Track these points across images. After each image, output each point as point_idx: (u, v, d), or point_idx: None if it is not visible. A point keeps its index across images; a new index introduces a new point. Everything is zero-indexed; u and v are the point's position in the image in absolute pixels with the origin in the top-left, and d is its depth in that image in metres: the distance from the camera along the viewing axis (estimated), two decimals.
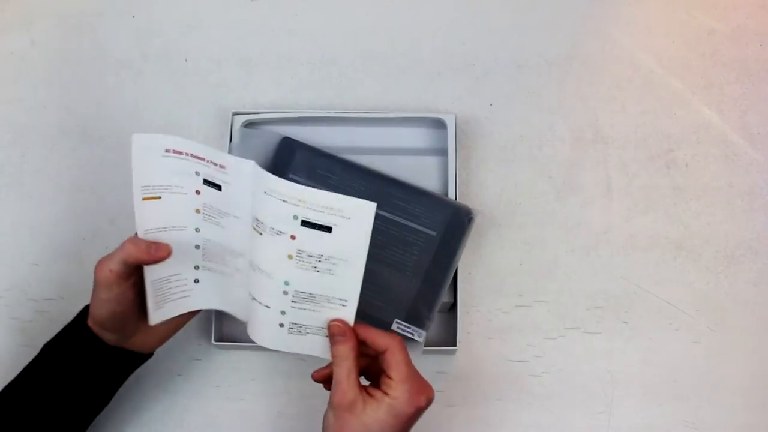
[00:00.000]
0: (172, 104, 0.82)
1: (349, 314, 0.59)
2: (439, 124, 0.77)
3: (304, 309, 0.60)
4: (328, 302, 0.59)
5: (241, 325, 0.67)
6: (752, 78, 0.82)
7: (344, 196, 0.54)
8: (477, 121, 0.81)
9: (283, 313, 0.60)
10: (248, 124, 0.76)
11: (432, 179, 0.75)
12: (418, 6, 0.86)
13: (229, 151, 0.75)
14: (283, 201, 0.55)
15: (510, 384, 0.72)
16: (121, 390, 0.66)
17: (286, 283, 0.59)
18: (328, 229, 0.56)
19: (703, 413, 0.71)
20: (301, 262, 0.57)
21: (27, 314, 0.74)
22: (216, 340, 0.71)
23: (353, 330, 0.58)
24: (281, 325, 0.61)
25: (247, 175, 0.57)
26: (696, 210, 0.78)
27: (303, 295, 0.59)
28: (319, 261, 0.57)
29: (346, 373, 0.56)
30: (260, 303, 0.60)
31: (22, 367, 0.63)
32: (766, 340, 0.74)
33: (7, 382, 0.62)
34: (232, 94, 0.82)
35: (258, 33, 0.85)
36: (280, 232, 0.57)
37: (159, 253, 0.58)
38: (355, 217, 0.55)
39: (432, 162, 0.76)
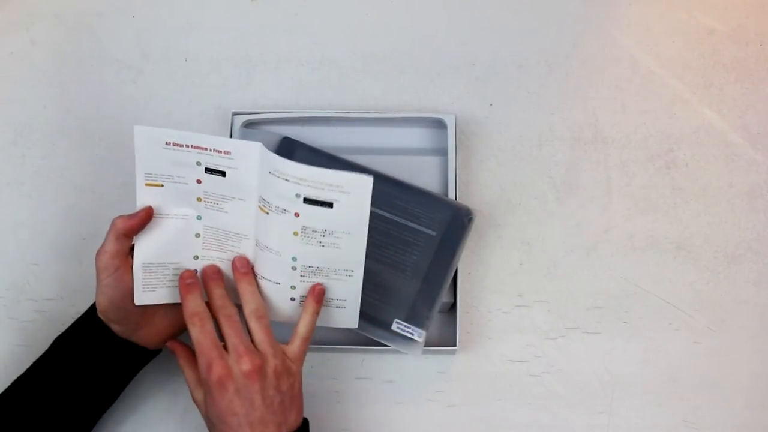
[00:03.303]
0: (172, 104, 0.82)
1: (356, 283, 0.63)
2: (439, 124, 0.77)
3: (313, 282, 0.63)
4: (335, 274, 0.62)
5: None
6: (752, 78, 0.82)
7: (342, 172, 0.58)
8: (477, 121, 0.81)
9: (293, 287, 0.63)
10: (248, 124, 0.77)
11: (432, 179, 0.75)
12: (418, 6, 0.86)
13: None
14: (286, 180, 0.58)
15: (510, 384, 0.72)
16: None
17: (294, 259, 0.62)
18: (330, 205, 0.59)
19: (703, 413, 0.71)
20: (306, 238, 0.61)
21: (26, 314, 0.74)
22: None
23: (181, 345, 0.64)
24: (292, 299, 0.64)
25: (253, 157, 0.59)
26: (696, 210, 0.78)
27: (311, 269, 0.62)
28: (323, 236, 0.60)
29: (187, 379, 0.62)
30: (269, 280, 0.63)
31: (22, 366, 0.63)
32: (766, 340, 0.73)
33: (6, 382, 0.62)
34: (232, 94, 0.82)
35: (258, 33, 0.85)
36: (285, 210, 0.60)
37: (140, 214, 0.60)
38: (354, 192, 0.58)
39: (432, 162, 0.76)
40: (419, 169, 0.75)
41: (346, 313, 0.65)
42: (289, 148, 0.74)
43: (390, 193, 0.72)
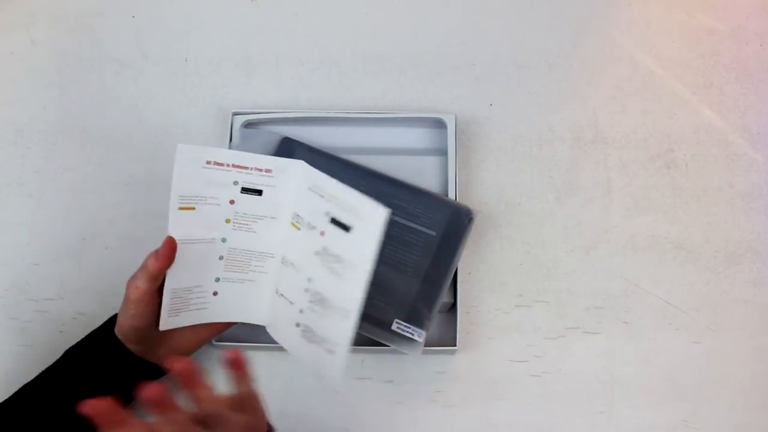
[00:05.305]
0: (172, 104, 0.82)
1: (347, 329, 0.57)
2: (439, 124, 0.77)
3: (316, 311, 0.61)
4: (335, 310, 0.59)
5: (242, 325, 0.68)
6: (752, 78, 0.82)
7: (360, 195, 0.55)
8: (477, 121, 0.81)
9: (301, 311, 0.62)
10: (248, 124, 0.76)
11: (432, 179, 0.75)
12: (418, 6, 0.86)
13: None
14: (321, 197, 0.58)
15: (510, 384, 0.72)
16: None
17: (309, 280, 0.61)
18: (348, 229, 0.57)
19: (703, 413, 0.71)
20: (325, 260, 0.59)
21: (26, 314, 0.74)
22: (216, 341, 0.71)
23: None
24: (297, 325, 0.63)
25: (292, 175, 0.60)
26: (696, 210, 0.78)
27: (318, 297, 0.60)
28: (337, 262, 0.58)
29: None
30: (286, 299, 0.63)
31: (22, 366, 0.63)
32: (766, 340, 0.73)
33: (6, 382, 0.62)
34: (232, 94, 0.82)
35: (258, 33, 0.85)
36: (314, 227, 0.59)
37: (165, 253, 0.60)
38: (366, 219, 0.56)
39: (432, 162, 0.76)
40: (419, 169, 0.75)
41: (333, 361, 0.59)
42: (289, 148, 0.74)
43: (390, 193, 0.72)
